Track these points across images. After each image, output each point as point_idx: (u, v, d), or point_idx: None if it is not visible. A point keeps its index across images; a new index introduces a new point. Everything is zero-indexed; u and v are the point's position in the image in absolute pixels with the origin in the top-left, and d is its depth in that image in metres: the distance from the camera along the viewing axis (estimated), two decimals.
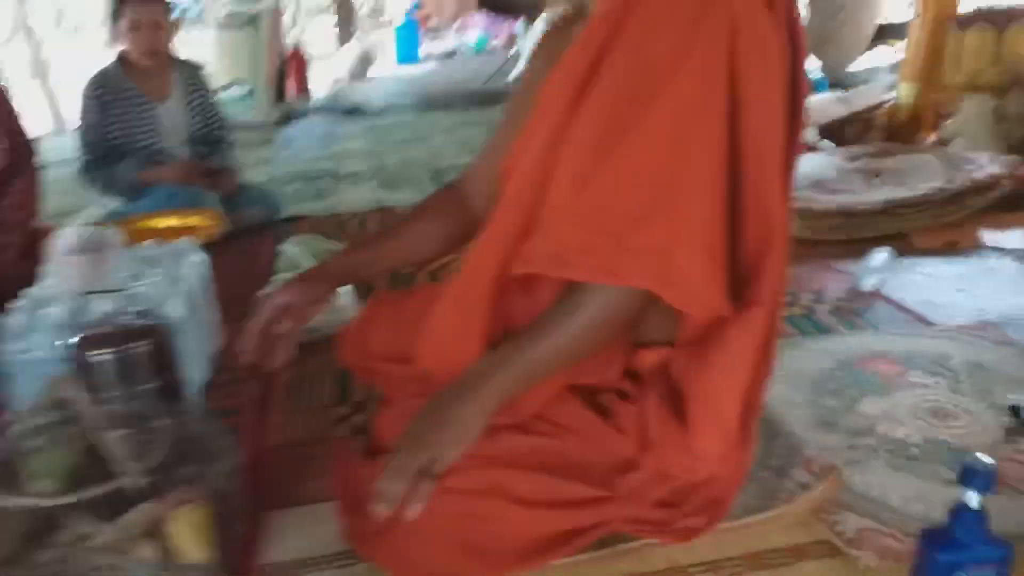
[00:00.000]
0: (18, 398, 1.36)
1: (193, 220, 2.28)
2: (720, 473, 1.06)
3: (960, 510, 0.90)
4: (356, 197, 3.22)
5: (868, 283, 1.88)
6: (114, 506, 1.00)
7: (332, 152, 4.22)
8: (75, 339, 1.23)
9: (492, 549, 0.99)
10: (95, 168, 2.52)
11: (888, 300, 1.85)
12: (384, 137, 4.61)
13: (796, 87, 1.01)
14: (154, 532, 1.03)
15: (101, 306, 1.33)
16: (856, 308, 1.82)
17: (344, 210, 2.97)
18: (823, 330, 1.73)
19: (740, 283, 0.99)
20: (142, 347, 1.24)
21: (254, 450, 1.40)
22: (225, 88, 4.85)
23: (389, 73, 8.16)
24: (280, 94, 5.36)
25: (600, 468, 1.03)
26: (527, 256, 0.97)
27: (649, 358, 1.09)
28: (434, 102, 5.87)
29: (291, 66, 5.55)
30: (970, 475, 0.88)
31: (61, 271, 1.39)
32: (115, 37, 2.51)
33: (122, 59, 2.54)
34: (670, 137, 0.92)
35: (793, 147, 1.03)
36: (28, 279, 1.54)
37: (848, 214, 2.18)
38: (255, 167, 3.87)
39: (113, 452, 1.03)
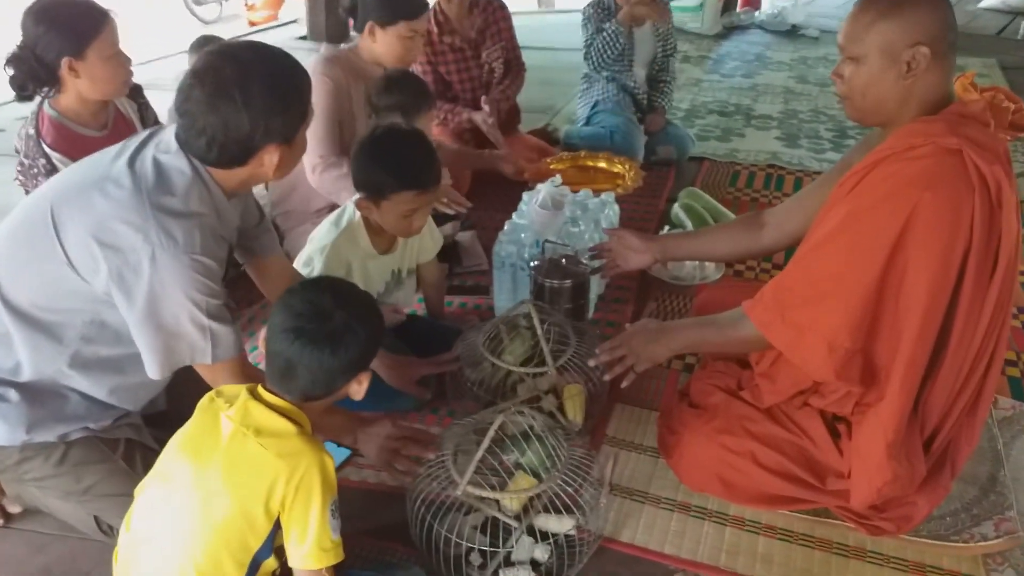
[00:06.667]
0: (497, 282, 2.23)
1: (617, 167, 2.98)
2: (918, 501, 1.49)
3: None
4: (756, 146, 3.57)
5: None
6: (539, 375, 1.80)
7: (754, 83, 4.49)
8: (534, 265, 2.02)
9: (737, 486, 1.60)
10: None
11: None
12: (805, 74, 4.70)
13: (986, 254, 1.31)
14: (554, 393, 1.82)
15: (550, 248, 2.09)
16: None
17: (742, 159, 3.41)
18: None
19: (872, 378, 1.40)
20: (568, 282, 1.99)
21: None
22: None
23: None
24: (730, 5, 5.64)
25: (819, 467, 1.54)
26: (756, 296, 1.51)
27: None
28: None
29: None
30: None
31: (533, 216, 2.19)
32: None
33: None
34: (839, 263, 1.36)
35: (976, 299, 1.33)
36: None
37: None
38: (685, 88, 4.39)
39: (544, 346, 1.82)
